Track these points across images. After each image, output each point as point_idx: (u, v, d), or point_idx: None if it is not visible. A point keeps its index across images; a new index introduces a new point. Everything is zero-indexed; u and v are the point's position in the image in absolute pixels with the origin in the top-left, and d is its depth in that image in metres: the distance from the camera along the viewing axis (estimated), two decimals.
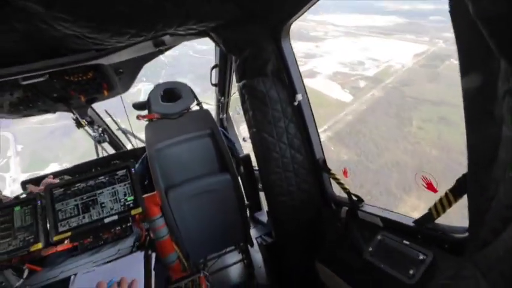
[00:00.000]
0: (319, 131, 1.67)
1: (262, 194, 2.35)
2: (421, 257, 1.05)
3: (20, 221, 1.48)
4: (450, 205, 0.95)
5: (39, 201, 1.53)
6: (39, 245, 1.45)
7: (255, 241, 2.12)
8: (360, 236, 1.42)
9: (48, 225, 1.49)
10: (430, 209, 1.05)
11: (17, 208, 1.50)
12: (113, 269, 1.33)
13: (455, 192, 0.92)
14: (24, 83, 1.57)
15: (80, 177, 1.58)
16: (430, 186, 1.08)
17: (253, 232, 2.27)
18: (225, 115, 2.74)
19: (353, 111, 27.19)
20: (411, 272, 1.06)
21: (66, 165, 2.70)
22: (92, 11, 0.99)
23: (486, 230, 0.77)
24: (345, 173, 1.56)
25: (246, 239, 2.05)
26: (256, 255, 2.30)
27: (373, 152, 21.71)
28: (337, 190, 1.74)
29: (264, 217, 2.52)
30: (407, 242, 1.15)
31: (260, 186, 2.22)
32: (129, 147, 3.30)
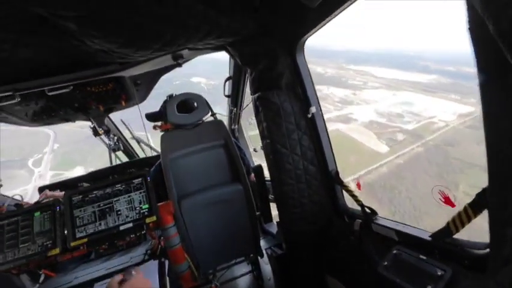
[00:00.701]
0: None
1: (271, 205, 2.35)
2: (440, 272, 1.03)
3: (39, 226, 1.53)
4: (469, 220, 0.94)
5: (57, 207, 1.57)
6: (57, 250, 1.48)
7: (264, 252, 2.10)
8: (374, 249, 1.40)
9: (65, 231, 1.53)
10: (448, 224, 1.04)
11: (37, 213, 1.55)
12: None
13: (475, 206, 0.91)
14: (51, 93, 1.65)
15: (98, 185, 1.63)
16: (448, 201, 1.07)
17: (262, 243, 2.25)
18: (236, 126, 2.79)
19: (388, 163, 24.98)
20: (429, 287, 1.04)
21: (91, 169, 2.79)
22: (122, 27, 1.06)
23: (509, 247, 0.76)
24: (358, 185, 1.56)
25: (256, 250, 2.04)
26: (266, 267, 2.27)
27: (410, 213, 18.96)
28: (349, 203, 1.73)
29: (273, 228, 2.51)
30: (424, 257, 1.14)
31: (271, 197, 2.22)
32: (141, 155, 3.37)
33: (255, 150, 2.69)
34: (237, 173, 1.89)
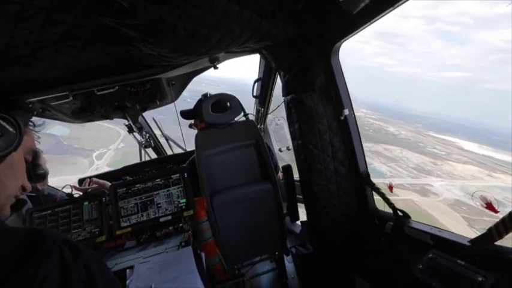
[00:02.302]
0: None
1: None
2: (480, 278, 1.03)
3: (88, 214, 1.67)
4: None
5: (104, 198, 1.71)
6: (103, 237, 1.61)
7: None
8: (407, 252, 1.41)
9: (111, 220, 1.66)
10: (489, 229, 1.04)
11: (86, 203, 1.69)
12: (166, 260, 1.44)
13: None
14: (99, 93, 1.79)
15: (140, 178, 1.75)
16: (490, 207, 1.07)
17: (287, 242, 2.30)
18: (262, 126, 2.85)
19: None
20: None
21: None
22: (176, 35, 1.15)
23: None
24: (390, 187, 1.57)
25: (282, 248, 2.09)
26: (289, 265, 2.32)
27: None
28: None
29: (296, 228, 2.55)
30: (462, 262, 1.14)
31: (298, 197, 2.26)
32: (168, 152, 3.52)
33: (280, 150, 2.75)
34: (267, 172, 1.95)
